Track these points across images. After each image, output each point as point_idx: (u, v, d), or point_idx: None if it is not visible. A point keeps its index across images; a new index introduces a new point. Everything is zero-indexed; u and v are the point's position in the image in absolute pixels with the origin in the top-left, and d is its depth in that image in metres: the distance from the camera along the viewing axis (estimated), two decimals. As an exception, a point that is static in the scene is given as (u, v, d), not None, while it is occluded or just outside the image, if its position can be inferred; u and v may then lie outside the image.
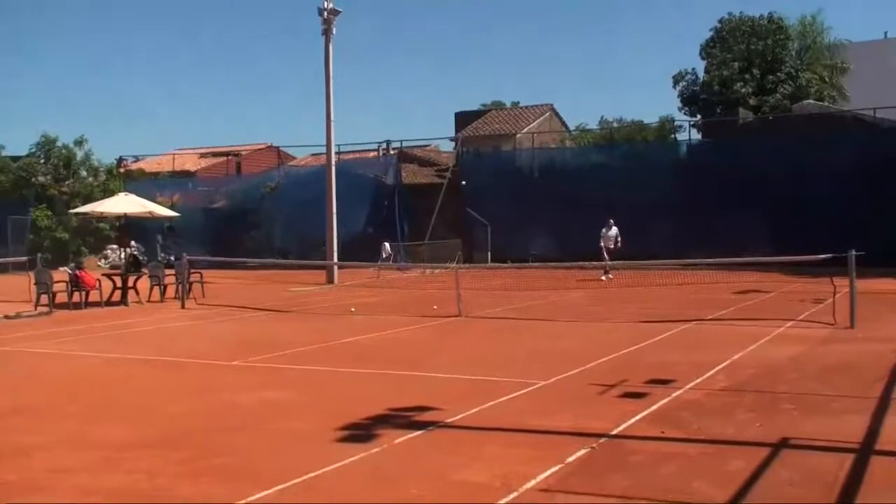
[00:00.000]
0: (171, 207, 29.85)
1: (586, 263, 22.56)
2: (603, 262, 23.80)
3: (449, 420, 7.60)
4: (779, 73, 43.18)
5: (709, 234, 27.39)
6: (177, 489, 5.90)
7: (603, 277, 23.84)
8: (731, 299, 17.81)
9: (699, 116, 42.91)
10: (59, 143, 40.86)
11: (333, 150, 27.90)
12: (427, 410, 7.97)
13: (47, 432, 7.63)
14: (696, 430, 7.14)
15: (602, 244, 24.84)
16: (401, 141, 41.05)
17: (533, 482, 5.76)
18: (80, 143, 41.23)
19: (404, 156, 40.20)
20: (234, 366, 11.09)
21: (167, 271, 21.86)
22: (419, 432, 7.21)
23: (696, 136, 38.50)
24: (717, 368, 9.95)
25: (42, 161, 40.97)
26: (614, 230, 25.06)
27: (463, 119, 48.67)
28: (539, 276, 25.00)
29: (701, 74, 45.06)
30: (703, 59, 45.41)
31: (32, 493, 5.78)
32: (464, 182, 35.45)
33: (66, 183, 40.36)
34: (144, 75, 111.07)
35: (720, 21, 45.54)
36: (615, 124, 60.96)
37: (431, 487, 5.77)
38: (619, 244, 24.90)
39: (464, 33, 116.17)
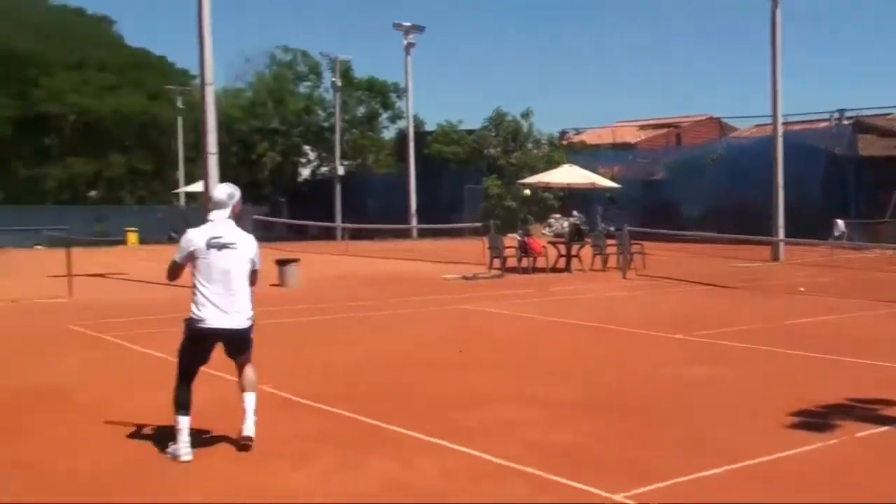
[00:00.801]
0: (612, 179, 30.44)
1: None
2: None
3: (918, 419, 6.75)
4: None
5: None
6: (626, 453, 5.95)
7: None
8: None
9: None
10: (507, 117, 43.72)
11: (780, 120, 26.31)
12: (892, 405, 7.16)
13: (498, 386, 8.15)
14: None
15: None
16: (857, 109, 37.59)
17: None
18: (525, 115, 43.74)
19: (860, 125, 36.69)
20: (677, 339, 10.94)
21: (608, 241, 22.31)
22: (885, 428, 6.50)
23: None
24: None
25: (493, 134, 44.15)
26: None
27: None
28: None
29: None
30: None
31: (490, 440, 6.18)
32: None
33: (514, 154, 43.07)
34: (584, 52, 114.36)
35: None
36: None
37: (900, 490, 5.16)
38: None
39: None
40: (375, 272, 21.08)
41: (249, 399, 5.96)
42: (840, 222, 29.37)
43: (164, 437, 6.04)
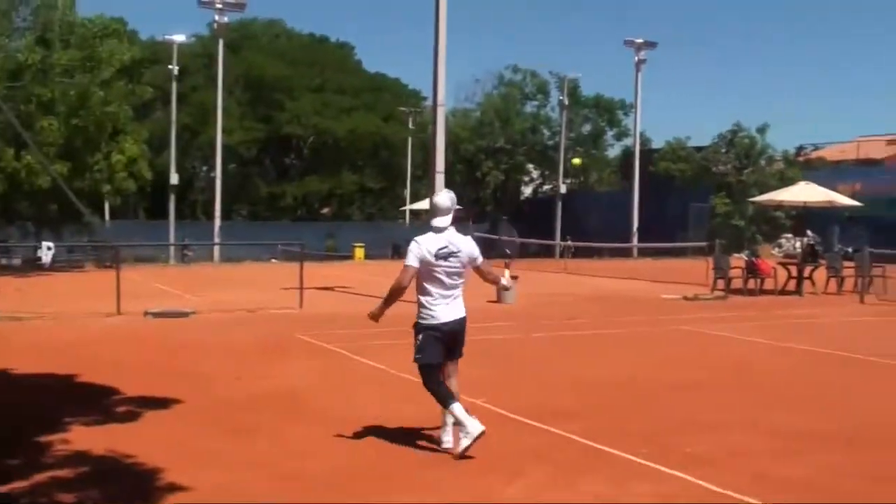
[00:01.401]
0: (853, 197, 28.39)
1: None
2: None
3: None
4: None
5: None
6: (863, 491, 5.45)
7: None
8: None
9: None
10: (741, 133, 41.97)
11: None
12: None
13: (720, 411, 7.74)
14: None
15: None
16: None
17: None
18: (762, 130, 41.79)
19: None
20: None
21: (845, 263, 20.80)
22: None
23: None
24: None
25: (723, 150, 42.51)
26: None
27: None
28: None
29: None
30: None
31: (711, 468, 5.85)
32: None
33: (745, 171, 41.24)
34: (824, 63, 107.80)
35: None
36: None
37: None
38: None
39: None
40: (593, 290, 20.77)
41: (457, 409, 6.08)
42: None
43: (386, 442, 6.31)
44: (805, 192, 22.94)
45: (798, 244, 26.92)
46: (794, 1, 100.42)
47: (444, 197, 6.35)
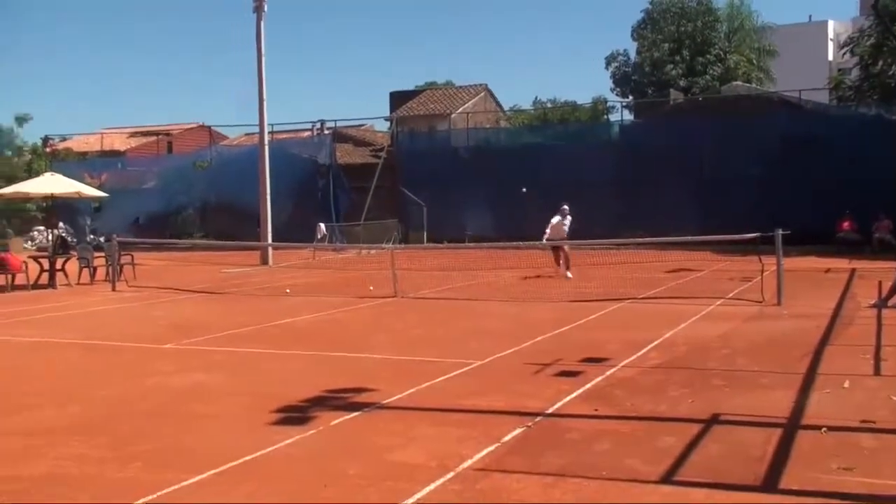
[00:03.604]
0: (100, 188, 29.15)
1: (522, 244, 22.13)
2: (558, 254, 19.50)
3: (385, 401, 7.59)
4: (708, 56, 44.00)
5: (640, 214, 27.89)
6: (105, 475, 5.78)
7: (569, 274, 19.07)
8: (662, 278, 18.13)
9: (631, 98, 43.48)
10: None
11: (266, 129, 27.49)
12: (363, 392, 7.95)
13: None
14: (629, 408, 7.25)
15: (550, 234, 19.56)
16: (335, 120, 40.73)
17: (469, 462, 5.78)
18: (21, 120, 40.17)
19: (339, 135, 39.91)
20: (167, 349, 10.90)
21: (97, 253, 21.33)
22: (355, 414, 7.19)
23: (628, 116, 39.10)
24: (649, 346, 10.12)
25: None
26: (569, 220, 19.66)
27: (398, 99, 48.38)
28: (475, 257, 25.06)
29: (633, 56, 45.60)
30: (634, 40, 45.98)
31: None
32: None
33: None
34: (70, 53, 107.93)
35: (651, 2, 46.08)
36: (549, 105, 61.28)
37: (368, 468, 5.76)
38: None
39: (400, 11, 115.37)
40: None
41: None
42: (322, 225, 31.60)
43: None
44: (51, 184, 22.75)
45: (50, 236, 26.67)
46: None
47: None
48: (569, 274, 19.12)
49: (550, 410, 7.14)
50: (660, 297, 15.29)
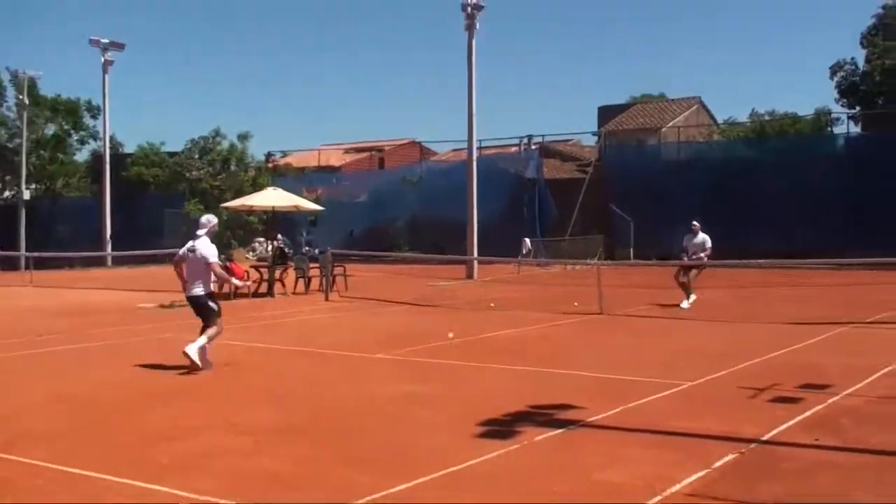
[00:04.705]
0: (316, 201, 30.65)
1: (731, 262, 21.03)
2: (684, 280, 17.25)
3: (590, 419, 7.46)
4: (947, 62, 40.39)
5: (868, 231, 26.02)
6: (323, 476, 6.02)
7: (685, 304, 16.84)
8: (893, 301, 16.77)
9: (858, 108, 40.64)
10: (217, 138, 42.80)
11: (475, 144, 27.97)
12: (568, 409, 7.85)
13: (199, 416, 7.95)
14: (855, 439, 6.73)
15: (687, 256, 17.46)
16: (542, 135, 40.81)
17: (678, 486, 5.56)
18: (243, 137, 42.99)
19: (546, 150, 40.00)
20: (378, 358, 11.25)
21: (311, 264, 22.40)
22: (560, 431, 7.11)
23: (854, 128, 36.62)
24: (878, 374, 9.39)
25: (197, 157, 42.97)
26: (701, 237, 17.29)
27: (606, 113, 47.79)
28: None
29: (861, 64, 42.61)
30: (863, 47, 42.94)
31: (182, 476, 6.00)
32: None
33: (220, 177, 42.16)
34: (294, 73, 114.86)
35: (883, 7, 42.95)
36: (766, 117, 58.54)
37: (573, 486, 5.66)
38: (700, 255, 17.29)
39: (606, 24, 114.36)
40: (65, 303, 19.66)
41: None
42: (528, 240, 31.70)
43: None
44: (273, 197, 24.15)
45: (270, 247, 28.33)
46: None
47: None
48: (685, 304, 16.84)
49: (766, 437, 6.76)
50: (889, 322, 14.16)
